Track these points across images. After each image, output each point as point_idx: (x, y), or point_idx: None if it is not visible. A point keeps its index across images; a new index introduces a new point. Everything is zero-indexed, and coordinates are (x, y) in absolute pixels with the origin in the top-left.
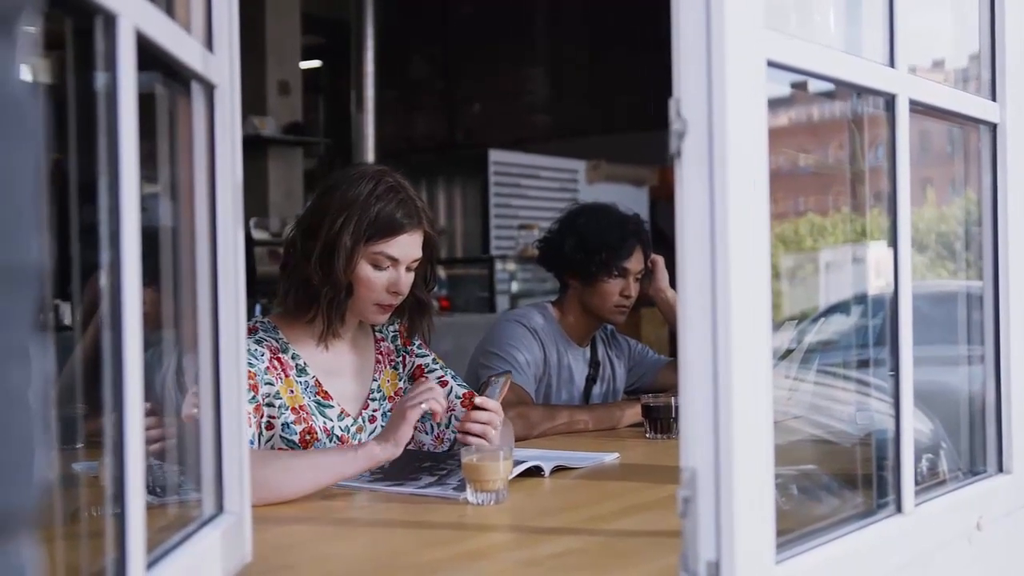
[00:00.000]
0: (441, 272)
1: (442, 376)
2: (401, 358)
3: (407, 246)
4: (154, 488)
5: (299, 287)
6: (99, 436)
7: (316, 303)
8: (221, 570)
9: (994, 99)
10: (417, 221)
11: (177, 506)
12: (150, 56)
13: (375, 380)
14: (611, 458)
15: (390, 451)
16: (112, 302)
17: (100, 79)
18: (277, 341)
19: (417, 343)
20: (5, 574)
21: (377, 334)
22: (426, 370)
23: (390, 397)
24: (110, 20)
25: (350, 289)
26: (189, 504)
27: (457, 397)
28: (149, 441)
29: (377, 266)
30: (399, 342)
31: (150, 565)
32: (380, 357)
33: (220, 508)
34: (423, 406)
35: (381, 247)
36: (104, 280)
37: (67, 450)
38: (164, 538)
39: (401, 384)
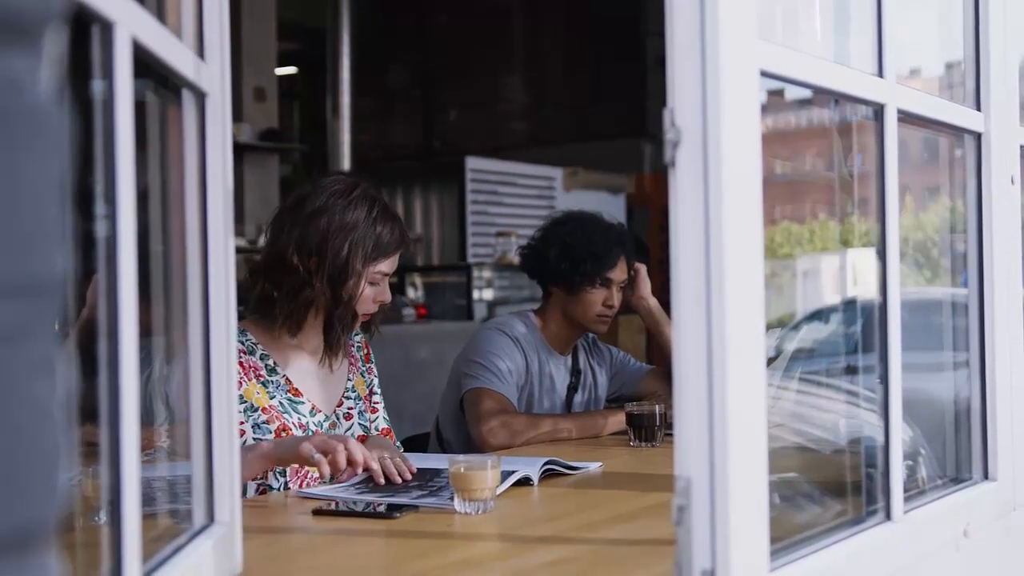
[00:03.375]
0: (418, 280)
1: (378, 403)
2: (367, 368)
3: (396, 261)
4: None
5: (304, 307)
6: (83, 445)
7: (304, 316)
8: None
9: (978, 108)
10: (407, 239)
11: (163, 516)
12: (142, 63)
13: (349, 380)
14: (595, 467)
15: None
16: (108, 310)
17: (96, 87)
18: (243, 343)
19: (371, 363)
20: None
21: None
22: (372, 393)
23: (365, 398)
24: (107, 28)
25: (355, 312)
26: (178, 514)
27: (377, 429)
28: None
29: (372, 283)
30: (362, 353)
31: None
32: (352, 360)
33: (211, 519)
34: (314, 458)
35: (381, 267)
36: (98, 288)
37: None
38: (155, 548)
39: (368, 390)
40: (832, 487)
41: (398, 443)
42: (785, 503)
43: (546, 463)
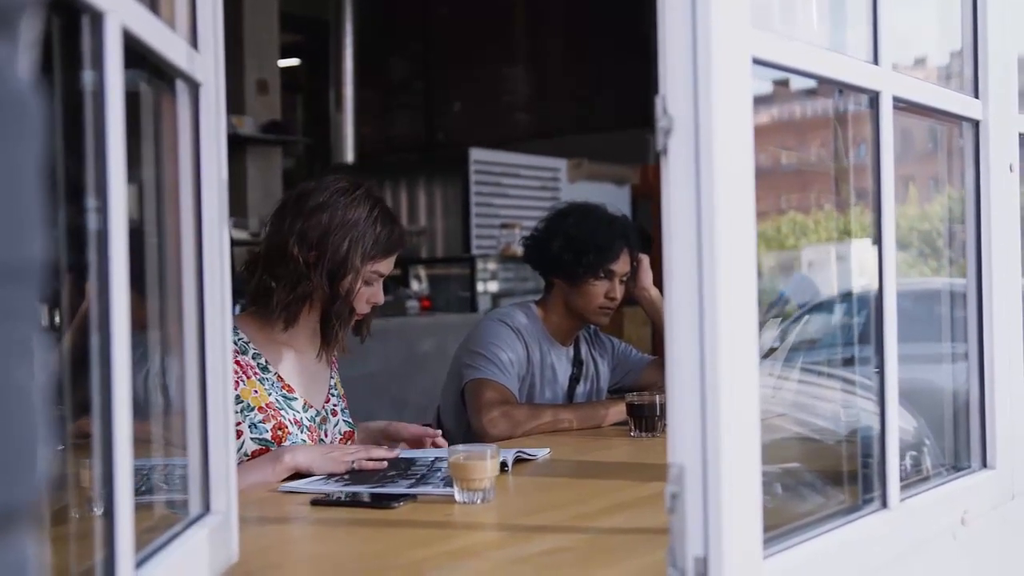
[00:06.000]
0: (422, 272)
1: (344, 407)
2: (337, 370)
3: (392, 263)
4: (138, 488)
5: (300, 299)
6: (82, 438)
7: (298, 312)
8: (208, 569)
9: (976, 96)
10: (405, 241)
11: (160, 506)
12: (135, 54)
13: (332, 378)
14: (543, 453)
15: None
16: (99, 303)
17: (86, 77)
18: (235, 343)
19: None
20: (11, 567)
21: None
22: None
23: (343, 396)
24: (97, 18)
25: (352, 308)
26: (174, 504)
27: (340, 433)
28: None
29: (367, 282)
30: (336, 355)
31: (138, 564)
32: (333, 360)
33: (207, 508)
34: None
35: (377, 267)
36: (89, 281)
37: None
38: (150, 538)
39: (343, 390)
40: (831, 476)
41: None
42: (785, 492)
43: (516, 457)
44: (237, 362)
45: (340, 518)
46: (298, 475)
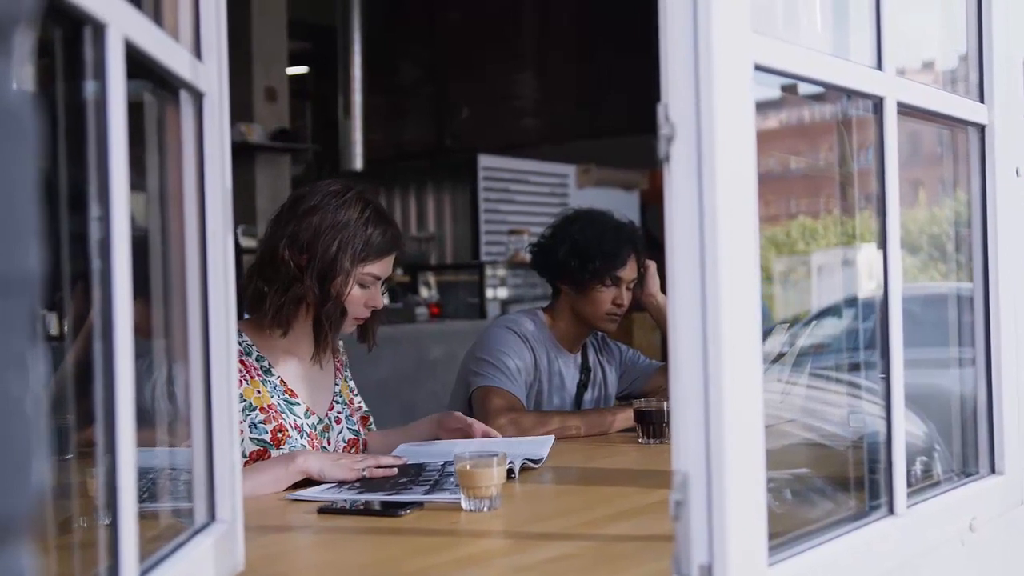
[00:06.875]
0: (431, 278)
1: (360, 404)
2: (349, 372)
3: (389, 265)
4: (142, 496)
5: (293, 302)
6: (89, 446)
7: (292, 316)
8: None
9: (982, 100)
10: (399, 244)
11: (166, 514)
12: (138, 64)
13: (336, 385)
14: (548, 442)
15: (305, 466)
16: (103, 312)
17: (89, 88)
18: (240, 345)
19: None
20: None
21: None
22: (353, 394)
23: (348, 402)
24: (99, 29)
25: (344, 309)
26: (180, 512)
27: (343, 441)
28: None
29: (362, 285)
30: (345, 357)
31: (143, 574)
32: (338, 366)
33: (212, 516)
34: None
35: (371, 268)
36: (94, 290)
37: (58, 461)
38: (156, 547)
39: (352, 395)
40: (839, 482)
41: (371, 425)
42: (791, 498)
43: (522, 466)
44: (241, 362)
45: (347, 526)
46: (306, 481)
